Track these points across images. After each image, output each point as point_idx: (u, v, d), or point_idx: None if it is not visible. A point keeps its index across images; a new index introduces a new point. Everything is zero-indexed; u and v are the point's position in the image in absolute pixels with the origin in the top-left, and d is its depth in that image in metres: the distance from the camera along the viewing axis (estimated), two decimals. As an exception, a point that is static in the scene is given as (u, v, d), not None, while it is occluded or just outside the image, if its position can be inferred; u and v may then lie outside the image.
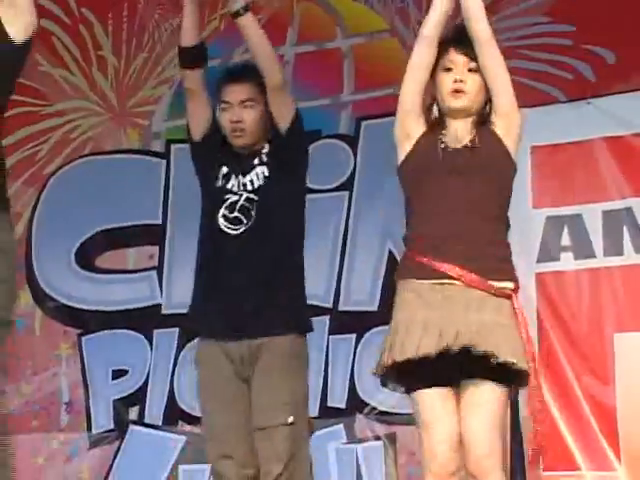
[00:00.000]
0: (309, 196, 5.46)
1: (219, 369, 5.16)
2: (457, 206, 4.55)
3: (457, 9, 4.75)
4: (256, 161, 5.28)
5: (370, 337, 6.54)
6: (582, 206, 6.16)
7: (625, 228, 6.08)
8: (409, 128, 4.67)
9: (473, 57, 4.60)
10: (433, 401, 4.46)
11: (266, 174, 5.28)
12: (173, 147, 7.13)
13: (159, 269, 7.11)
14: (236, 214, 5.30)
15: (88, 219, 7.10)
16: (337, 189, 6.68)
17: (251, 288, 5.16)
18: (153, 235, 7.15)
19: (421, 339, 4.41)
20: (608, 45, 6.20)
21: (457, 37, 4.73)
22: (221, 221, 5.27)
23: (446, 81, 4.59)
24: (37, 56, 6.74)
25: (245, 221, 5.25)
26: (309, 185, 5.56)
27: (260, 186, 5.26)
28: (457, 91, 4.55)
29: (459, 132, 4.64)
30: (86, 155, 7.19)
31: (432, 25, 4.65)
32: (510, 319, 4.45)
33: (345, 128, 6.83)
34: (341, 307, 6.81)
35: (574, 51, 6.29)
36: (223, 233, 5.25)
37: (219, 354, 5.14)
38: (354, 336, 6.44)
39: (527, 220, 5.94)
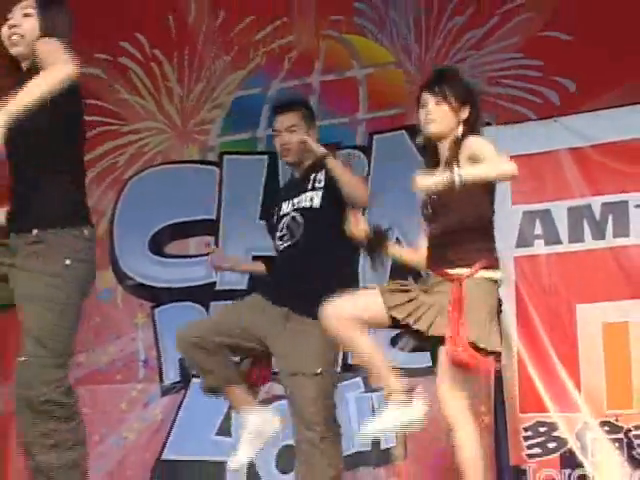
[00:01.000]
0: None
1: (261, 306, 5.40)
2: None
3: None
4: (309, 187, 5.50)
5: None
6: (551, 203, 6.36)
7: (585, 221, 6.28)
8: None
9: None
10: None
11: (316, 201, 5.46)
12: (225, 158, 7.37)
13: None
14: (284, 231, 5.55)
15: (158, 215, 7.33)
16: None
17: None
18: (209, 227, 7.33)
19: None
20: (570, 76, 6.42)
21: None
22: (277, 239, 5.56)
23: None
24: (118, 86, 7.21)
25: (291, 238, 5.50)
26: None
27: (310, 207, 5.47)
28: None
29: None
30: (156, 165, 7.44)
31: None
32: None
33: (360, 141, 7.01)
34: (359, 286, 7.07)
35: (542, 80, 6.52)
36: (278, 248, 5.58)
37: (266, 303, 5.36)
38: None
39: (508, 215, 6.06)
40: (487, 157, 4.55)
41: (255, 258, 6.87)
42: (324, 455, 5.21)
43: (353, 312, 4.67)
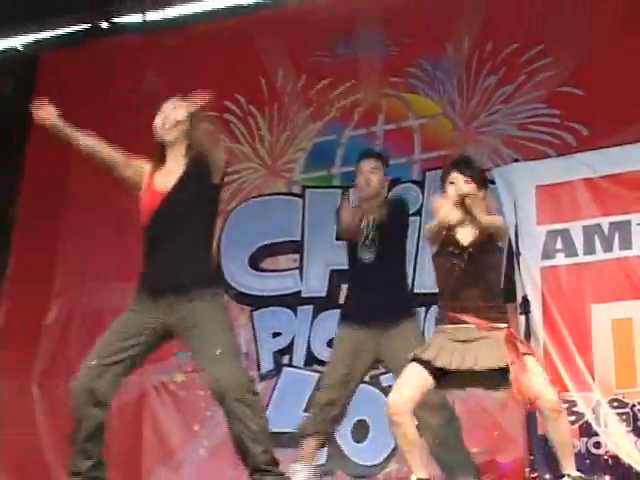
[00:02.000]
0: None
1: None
2: None
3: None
4: None
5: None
6: (568, 223, 6.39)
7: (596, 237, 6.32)
8: None
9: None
10: None
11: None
12: (307, 191, 7.56)
13: (300, 269, 7.44)
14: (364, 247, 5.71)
15: (255, 238, 7.46)
16: (412, 215, 6.44)
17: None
18: (295, 247, 7.47)
19: None
20: (582, 123, 6.68)
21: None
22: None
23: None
24: (223, 136, 7.08)
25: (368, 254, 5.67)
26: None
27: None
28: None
29: None
30: (252, 197, 7.60)
31: None
32: None
33: (416, 176, 7.16)
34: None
35: (561, 126, 6.75)
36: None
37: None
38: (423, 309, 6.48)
39: (534, 234, 6.24)
40: None
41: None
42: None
43: (415, 399, 4.56)
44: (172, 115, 4.63)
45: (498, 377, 4.49)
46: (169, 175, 4.61)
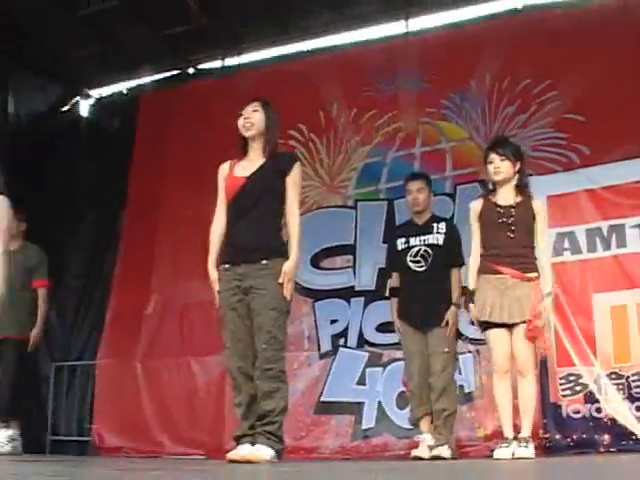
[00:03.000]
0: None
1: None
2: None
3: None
4: (434, 230, 5.98)
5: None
6: (574, 226, 6.62)
7: (597, 238, 6.55)
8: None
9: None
10: (496, 335, 5.27)
11: (440, 241, 5.96)
12: (358, 203, 7.59)
13: (353, 267, 7.45)
14: (418, 258, 5.95)
15: (316, 242, 7.40)
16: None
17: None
18: (349, 249, 7.49)
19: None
20: (585, 144, 6.75)
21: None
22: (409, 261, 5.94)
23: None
24: None
25: (425, 264, 5.93)
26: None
27: (437, 245, 5.95)
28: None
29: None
30: (313, 209, 7.60)
31: None
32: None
33: (448, 190, 7.20)
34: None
35: (567, 147, 6.83)
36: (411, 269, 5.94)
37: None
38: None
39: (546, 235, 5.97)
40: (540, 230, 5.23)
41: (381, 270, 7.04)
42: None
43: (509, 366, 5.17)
44: (252, 116, 4.77)
45: None
46: (250, 165, 4.78)
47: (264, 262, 4.60)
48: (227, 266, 4.72)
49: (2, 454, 6.63)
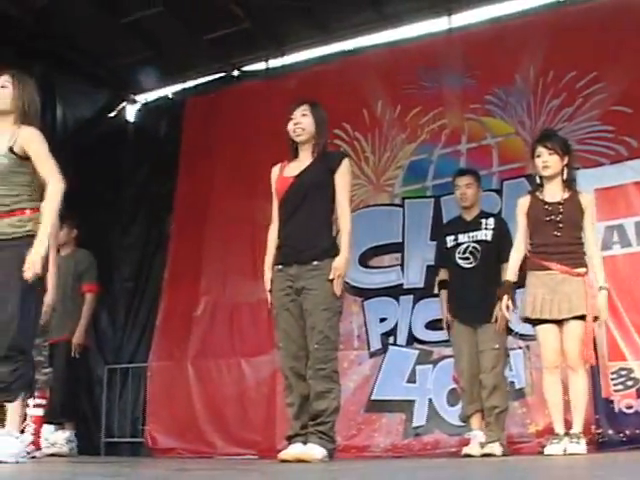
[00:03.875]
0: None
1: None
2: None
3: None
4: (482, 226, 6.05)
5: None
6: (623, 219, 6.60)
7: None
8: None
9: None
10: (546, 330, 5.29)
11: (489, 237, 6.02)
12: (405, 201, 7.58)
13: (401, 265, 7.46)
14: (467, 255, 6.01)
15: (364, 241, 7.32)
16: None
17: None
18: (397, 247, 7.50)
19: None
20: (632, 136, 6.70)
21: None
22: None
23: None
24: None
25: (474, 260, 5.99)
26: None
27: (486, 241, 6.01)
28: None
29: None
30: (360, 208, 7.52)
31: None
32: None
33: (495, 185, 7.16)
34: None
35: (614, 140, 6.77)
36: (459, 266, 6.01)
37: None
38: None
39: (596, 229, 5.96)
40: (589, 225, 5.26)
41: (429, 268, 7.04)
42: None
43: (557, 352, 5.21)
44: (302, 120, 4.83)
45: None
46: (299, 165, 4.86)
47: (315, 263, 4.67)
48: (280, 267, 4.81)
49: (60, 455, 6.78)
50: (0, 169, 4.27)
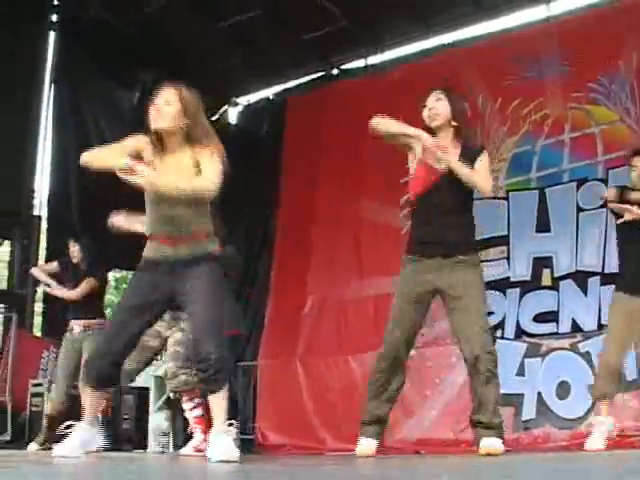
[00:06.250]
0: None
1: None
2: None
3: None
4: None
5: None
6: None
7: None
8: None
9: None
10: None
11: None
12: (510, 194, 7.61)
13: (507, 258, 7.48)
14: None
15: None
16: (600, 207, 6.81)
17: None
18: (502, 240, 7.52)
19: None
20: None
21: None
22: None
23: None
24: None
25: None
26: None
27: None
28: None
29: None
30: None
31: None
32: None
33: (600, 175, 7.13)
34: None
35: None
36: None
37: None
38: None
39: None
40: None
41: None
42: None
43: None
44: (436, 105, 4.68)
45: None
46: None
47: (460, 257, 4.66)
48: (417, 259, 4.72)
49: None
50: None
